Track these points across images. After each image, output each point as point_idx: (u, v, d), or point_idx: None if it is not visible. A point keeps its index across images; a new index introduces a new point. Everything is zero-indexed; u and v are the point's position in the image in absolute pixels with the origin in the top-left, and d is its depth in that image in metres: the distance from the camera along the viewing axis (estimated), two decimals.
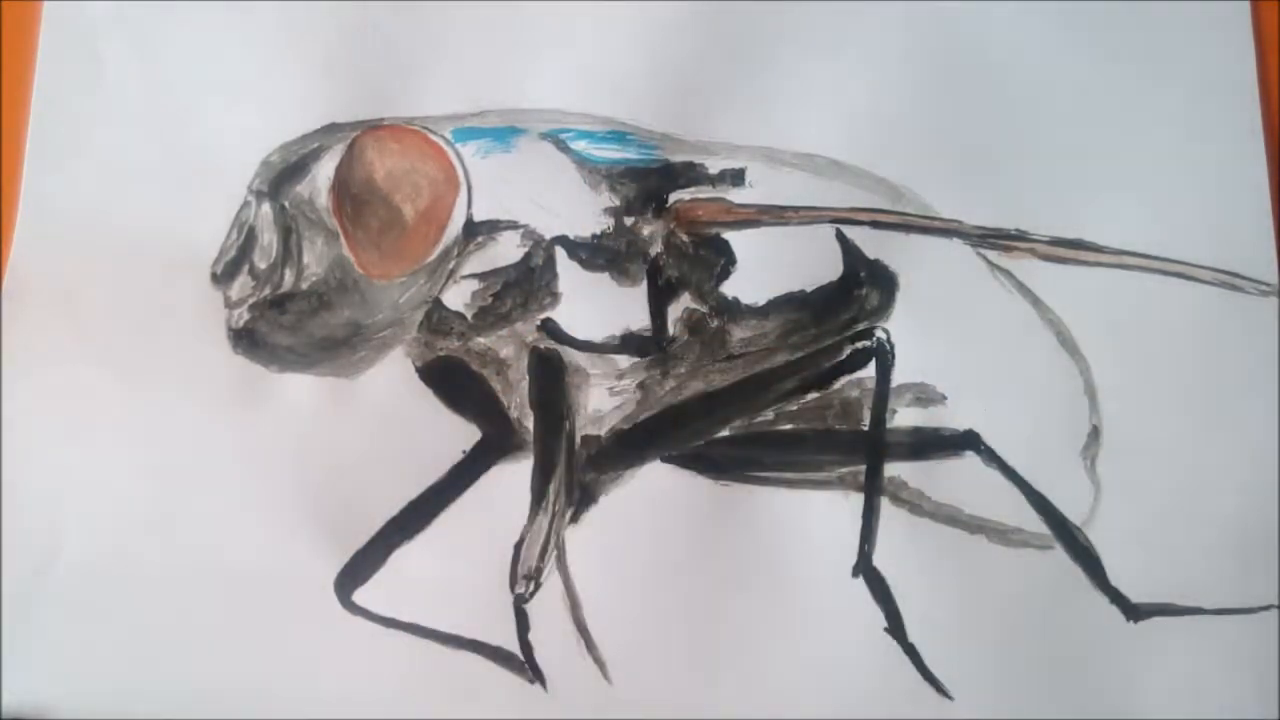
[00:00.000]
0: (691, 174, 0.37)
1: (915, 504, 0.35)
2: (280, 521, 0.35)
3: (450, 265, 0.36)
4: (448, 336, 0.36)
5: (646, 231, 0.37)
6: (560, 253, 0.36)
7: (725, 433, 0.36)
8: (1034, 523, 0.35)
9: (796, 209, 0.37)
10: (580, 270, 0.36)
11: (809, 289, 0.36)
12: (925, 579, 0.35)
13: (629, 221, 0.37)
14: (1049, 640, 0.35)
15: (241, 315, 0.36)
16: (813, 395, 0.36)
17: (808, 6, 0.38)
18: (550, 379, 0.36)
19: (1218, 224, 0.37)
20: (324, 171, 0.36)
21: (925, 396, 0.36)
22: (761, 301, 0.36)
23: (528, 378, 0.36)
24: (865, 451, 0.35)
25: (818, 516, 0.35)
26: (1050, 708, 0.35)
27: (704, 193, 0.37)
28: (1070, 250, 0.37)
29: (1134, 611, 0.35)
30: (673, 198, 0.37)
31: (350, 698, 0.34)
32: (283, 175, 0.37)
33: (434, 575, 0.35)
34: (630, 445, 0.36)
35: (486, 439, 0.36)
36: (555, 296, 0.36)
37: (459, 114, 0.37)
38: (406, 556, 0.35)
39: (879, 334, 0.36)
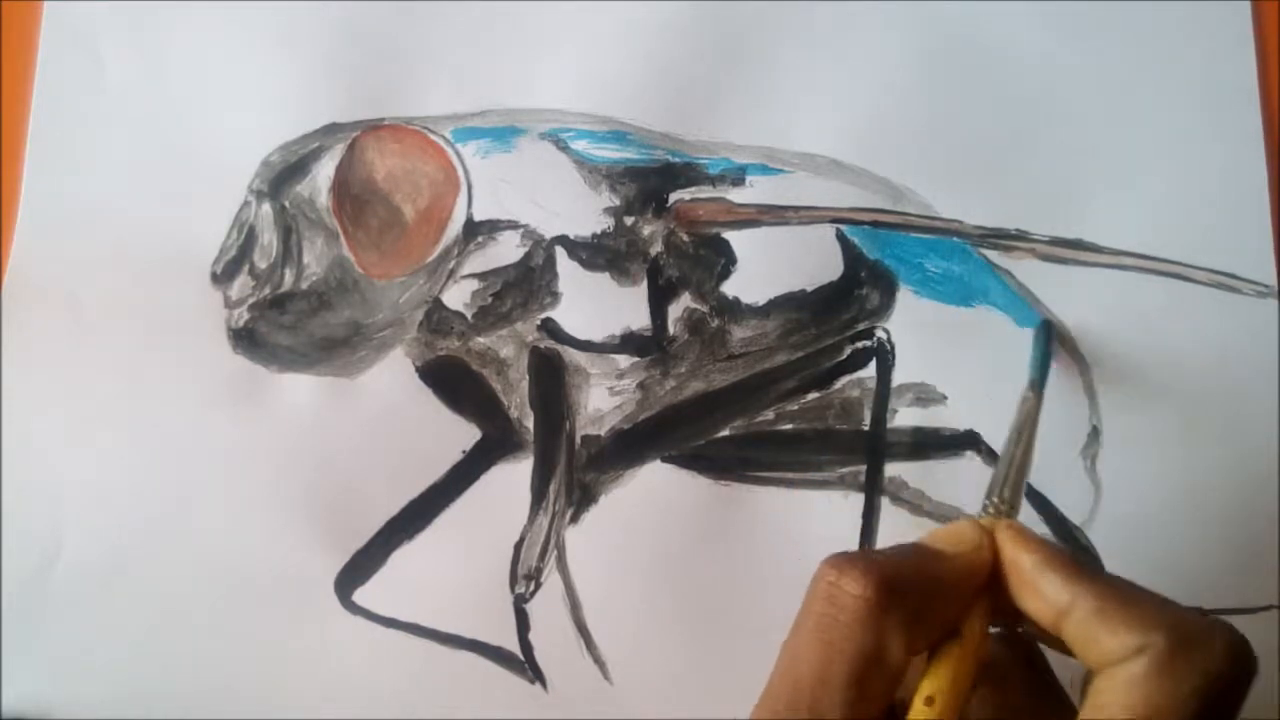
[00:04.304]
0: (691, 174, 0.37)
1: (915, 504, 0.35)
2: (280, 521, 0.35)
3: (450, 265, 0.36)
4: (448, 336, 0.36)
5: (646, 231, 0.37)
6: (560, 252, 0.36)
7: (725, 432, 0.36)
8: (1034, 523, 0.35)
9: (796, 209, 0.37)
10: (580, 270, 0.36)
11: (809, 289, 0.36)
12: None
13: (629, 221, 0.37)
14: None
15: (241, 315, 0.36)
16: (813, 395, 0.36)
17: (807, 7, 0.38)
18: (550, 379, 0.36)
19: (1217, 224, 0.37)
20: (324, 171, 0.36)
21: (925, 396, 0.36)
22: (762, 301, 0.36)
23: (528, 378, 0.36)
24: (865, 451, 0.35)
25: (818, 516, 0.35)
26: None
27: (704, 193, 0.37)
28: (1070, 250, 0.37)
29: None
30: (673, 197, 0.37)
31: (350, 698, 0.34)
32: (283, 175, 0.37)
33: (434, 575, 0.35)
34: (630, 445, 0.36)
35: (486, 439, 0.36)
36: (555, 296, 0.36)
37: (459, 114, 0.37)
38: (406, 556, 0.35)
39: (879, 334, 0.36)
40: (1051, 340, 0.34)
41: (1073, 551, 0.26)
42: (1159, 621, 0.23)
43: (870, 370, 0.36)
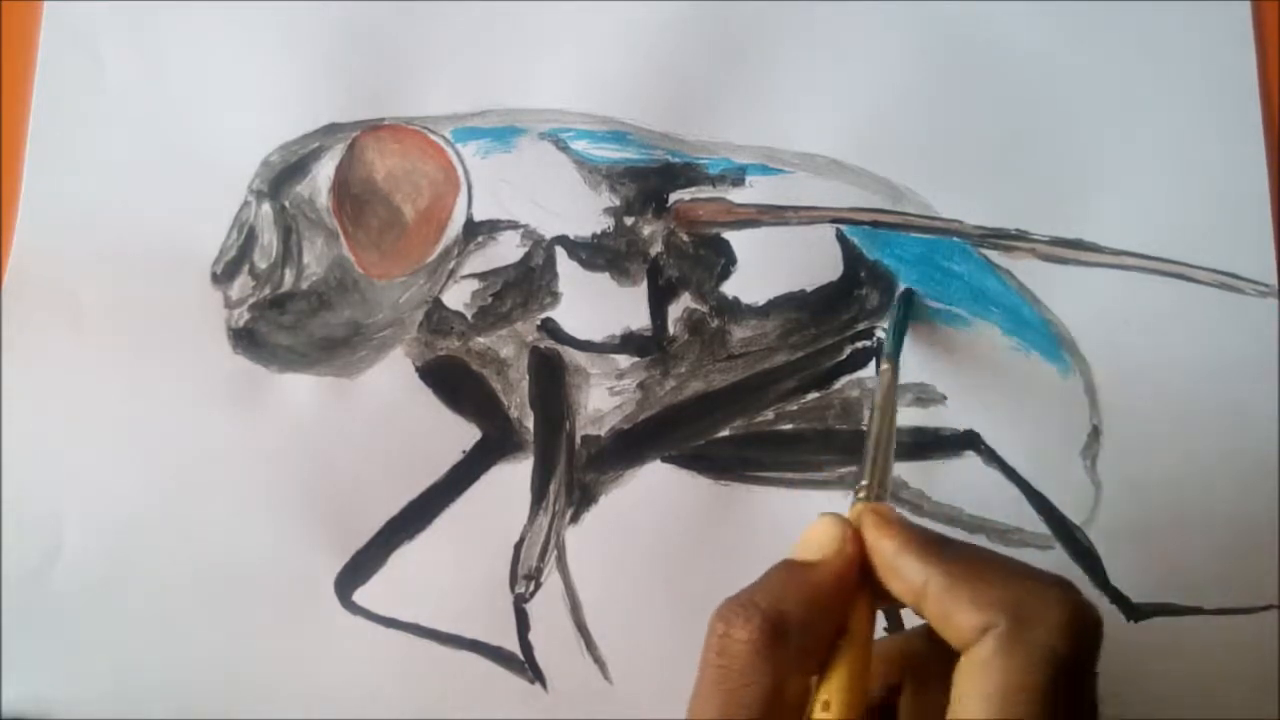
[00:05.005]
0: (691, 174, 0.37)
1: (915, 504, 0.35)
2: (280, 521, 0.35)
3: (450, 265, 0.36)
4: (448, 336, 0.36)
5: (646, 231, 0.37)
6: (560, 252, 0.36)
7: (725, 432, 0.36)
8: (1034, 523, 0.35)
9: (796, 209, 0.37)
10: (580, 270, 0.36)
11: (809, 289, 0.36)
12: None
13: (629, 221, 0.37)
14: None
15: (241, 315, 0.36)
16: (813, 395, 0.36)
17: (808, 6, 0.38)
18: (550, 379, 0.36)
19: (1218, 224, 0.37)
20: (324, 171, 0.36)
21: (925, 396, 0.36)
22: (761, 301, 0.36)
23: (528, 378, 0.36)
24: None
25: (818, 516, 0.35)
26: None
27: (704, 193, 0.37)
28: (1070, 250, 0.37)
29: (1134, 611, 0.35)
30: (673, 198, 0.37)
31: (350, 697, 0.34)
32: (283, 175, 0.37)
33: (434, 575, 0.35)
34: (630, 445, 0.36)
35: (486, 439, 0.36)
36: (555, 296, 0.36)
37: (459, 114, 0.37)
38: (406, 556, 0.35)
39: (879, 334, 0.36)
40: (908, 308, 0.34)
41: (932, 531, 0.25)
42: (999, 598, 0.23)
43: (870, 370, 0.36)
